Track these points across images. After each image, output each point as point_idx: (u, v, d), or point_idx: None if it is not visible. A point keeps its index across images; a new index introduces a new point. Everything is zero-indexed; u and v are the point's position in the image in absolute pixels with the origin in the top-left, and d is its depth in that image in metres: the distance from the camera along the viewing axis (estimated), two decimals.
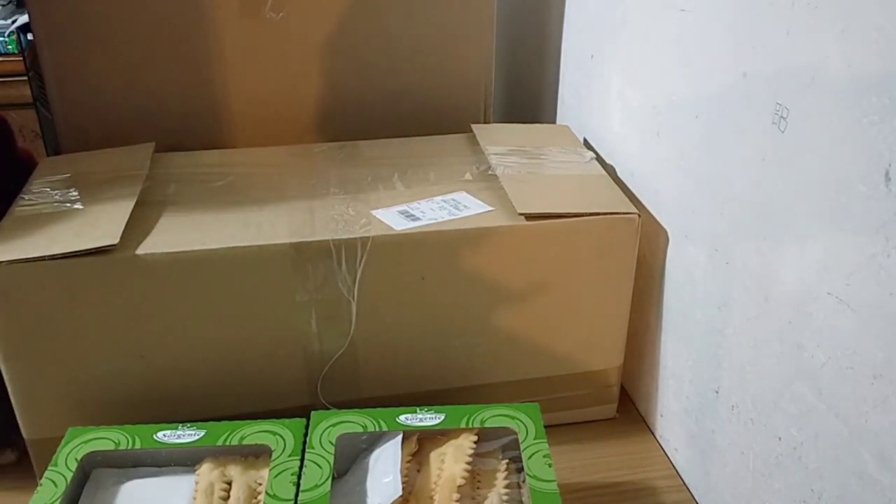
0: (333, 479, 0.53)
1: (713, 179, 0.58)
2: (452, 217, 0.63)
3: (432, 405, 0.58)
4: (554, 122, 0.93)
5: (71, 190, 0.66)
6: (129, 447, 0.56)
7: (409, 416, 0.57)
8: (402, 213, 0.64)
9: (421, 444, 0.57)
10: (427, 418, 0.57)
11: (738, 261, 0.56)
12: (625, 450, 0.70)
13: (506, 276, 0.64)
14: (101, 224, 0.60)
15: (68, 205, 0.64)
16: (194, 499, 0.54)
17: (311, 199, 0.66)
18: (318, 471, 0.53)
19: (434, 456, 0.56)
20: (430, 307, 0.64)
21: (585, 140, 0.82)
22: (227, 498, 0.54)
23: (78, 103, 0.78)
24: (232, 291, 0.60)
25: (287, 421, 0.57)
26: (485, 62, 0.85)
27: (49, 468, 0.54)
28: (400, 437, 0.56)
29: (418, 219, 0.63)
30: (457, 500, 0.53)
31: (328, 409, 0.65)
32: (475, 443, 0.56)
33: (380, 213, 0.64)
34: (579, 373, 0.70)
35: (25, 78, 0.86)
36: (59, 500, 0.51)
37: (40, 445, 0.62)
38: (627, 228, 0.64)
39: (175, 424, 0.57)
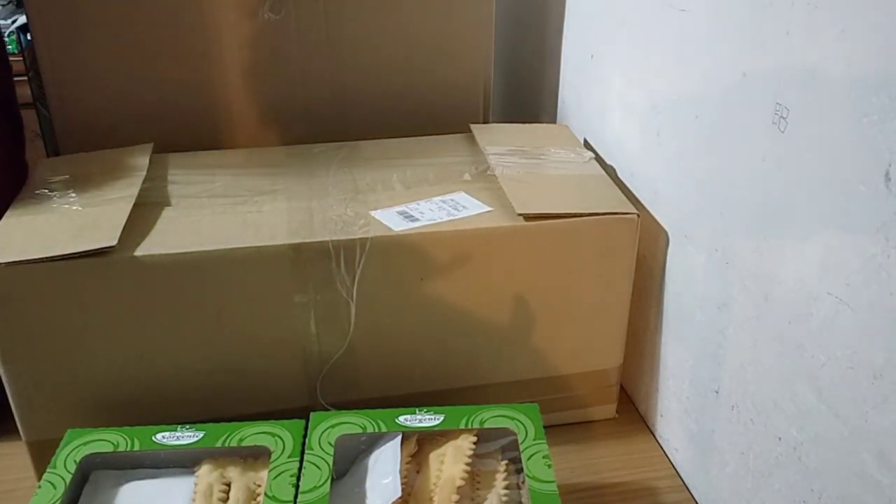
0: (332, 480, 0.53)
1: (713, 179, 0.58)
2: (451, 217, 0.63)
3: (431, 406, 0.58)
4: (554, 122, 0.92)
5: (70, 191, 0.66)
6: (129, 449, 0.55)
7: (408, 416, 0.57)
8: (401, 213, 0.64)
9: (420, 445, 0.57)
10: (426, 419, 0.57)
11: (738, 261, 0.56)
12: (625, 450, 0.70)
13: (505, 276, 0.64)
14: (100, 225, 0.60)
15: (67, 206, 0.64)
16: (193, 500, 0.54)
17: (310, 199, 0.66)
18: (317, 472, 0.53)
19: (433, 457, 0.56)
20: (429, 308, 0.64)
21: (585, 140, 0.82)
22: (226, 500, 0.54)
23: (77, 103, 0.78)
24: (231, 292, 0.60)
25: (286, 422, 0.57)
26: (485, 62, 0.85)
27: (48, 470, 0.54)
28: (399, 437, 0.56)
29: (417, 219, 0.63)
30: (456, 501, 0.53)
31: (327, 409, 0.65)
32: (474, 444, 0.56)
33: (379, 214, 0.64)
34: (579, 373, 0.69)
35: (25, 78, 0.86)
36: (58, 502, 0.51)
37: (39, 447, 0.62)
38: (627, 228, 0.64)
39: (174, 426, 0.57)
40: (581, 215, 0.63)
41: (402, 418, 0.57)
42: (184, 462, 0.56)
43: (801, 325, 0.49)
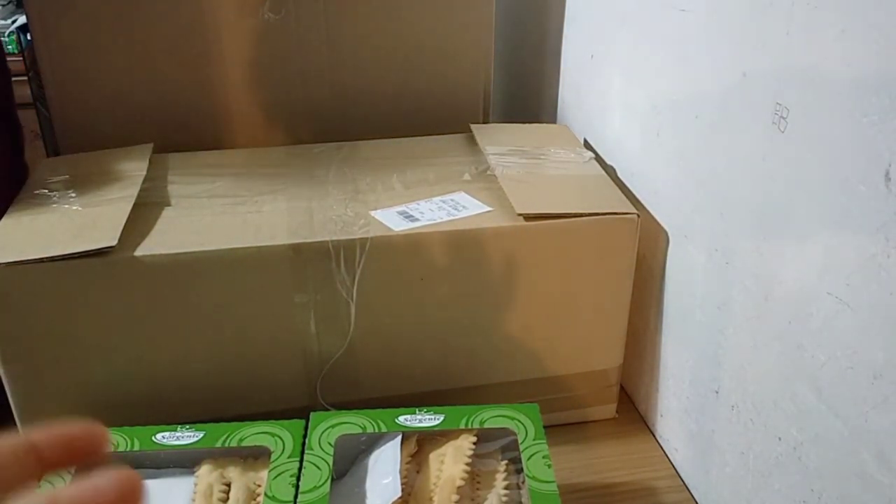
0: (332, 480, 0.53)
1: (713, 179, 0.58)
2: (451, 217, 0.63)
3: (432, 406, 0.58)
4: (554, 122, 0.92)
5: (70, 191, 0.66)
6: (129, 449, 0.55)
7: (408, 416, 0.57)
8: (400, 213, 0.64)
9: (420, 445, 0.57)
10: (426, 419, 0.57)
11: (738, 261, 0.56)
12: (625, 450, 0.70)
13: (505, 276, 0.64)
14: (100, 225, 0.60)
15: (67, 206, 0.64)
16: (193, 500, 0.54)
17: (309, 199, 0.66)
18: (317, 472, 0.53)
19: (433, 457, 0.56)
20: (428, 308, 0.64)
21: (585, 140, 0.82)
22: (226, 500, 0.54)
23: (77, 103, 0.78)
24: (231, 292, 0.60)
25: (286, 422, 0.57)
26: (485, 62, 0.85)
27: None
28: (399, 437, 0.56)
29: (417, 219, 0.63)
30: (456, 501, 0.53)
31: (327, 409, 0.65)
32: (474, 444, 0.56)
33: (379, 214, 0.64)
34: (579, 373, 0.69)
35: (25, 78, 0.86)
36: None
37: None
38: (627, 228, 0.64)
39: (174, 426, 0.57)
40: (581, 215, 0.63)
41: (402, 418, 0.57)
42: (184, 462, 0.56)
43: (801, 325, 0.49)
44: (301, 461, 0.54)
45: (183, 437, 0.56)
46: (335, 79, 0.81)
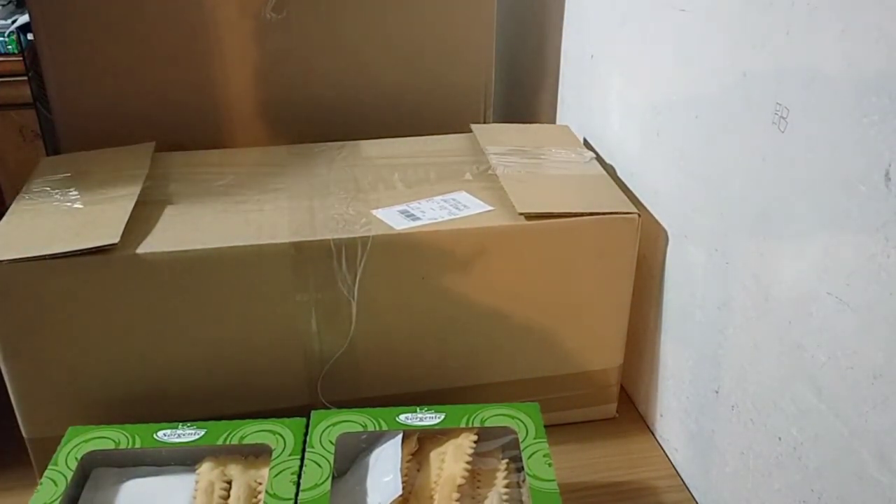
0: (333, 478, 0.53)
1: (713, 179, 0.58)
2: (453, 217, 0.63)
3: (432, 405, 0.58)
4: (554, 122, 0.93)
5: (71, 189, 0.66)
6: (130, 446, 0.56)
7: (409, 415, 0.57)
8: (402, 212, 0.64)
9: (421, 444, 0.57)
10: (427, 418, 0.57)
11: (738, 261, 0.56)
12: (625, 450, 0.70)
13: (506, 275, 0.64)
14: (102, 223, 0.60)
15: (68, 204, 0.64)
16: (194, 498, 0.54)
17: (311, 198, 0.66)
18: (318, 470, 0.53)
19: (434, 455, 0.56)
20: (430, 307, 0.64)
21: (585, 140, 0.82)
22: (227, 497, 0.54)
23: (78, 103, 0.78)
24: (232, 291, 0.60)
25: (287, 420, 0.57)
26: (485, 62, 0.85)
27: (49, 467, 0.54)
28: (400, 436, 0.56)
29: (418, 218, 0.63)
30: (457, 500, 0.53)
31: (328, 408, 0.65)
32: (475, 442, 0.56)
33: (380, 213, 0.64)
34: (579, 373, 0.70)
35: (25, 78, 0.86)
36: (59, 500, 0.51)
37: (40, 444, 0.62)
38: (627, 228, 0.64)
39: (175, 424, 0.57)
40: (581, 215, 0.63)
41: (402, 417, 0.57)
42: (185, 460, 0.57)
43: (801, 325, 0.49)
44: (302, 459, 0.54)
45: (184, 434, 0.56)
46: (336, 78, 0.82)
